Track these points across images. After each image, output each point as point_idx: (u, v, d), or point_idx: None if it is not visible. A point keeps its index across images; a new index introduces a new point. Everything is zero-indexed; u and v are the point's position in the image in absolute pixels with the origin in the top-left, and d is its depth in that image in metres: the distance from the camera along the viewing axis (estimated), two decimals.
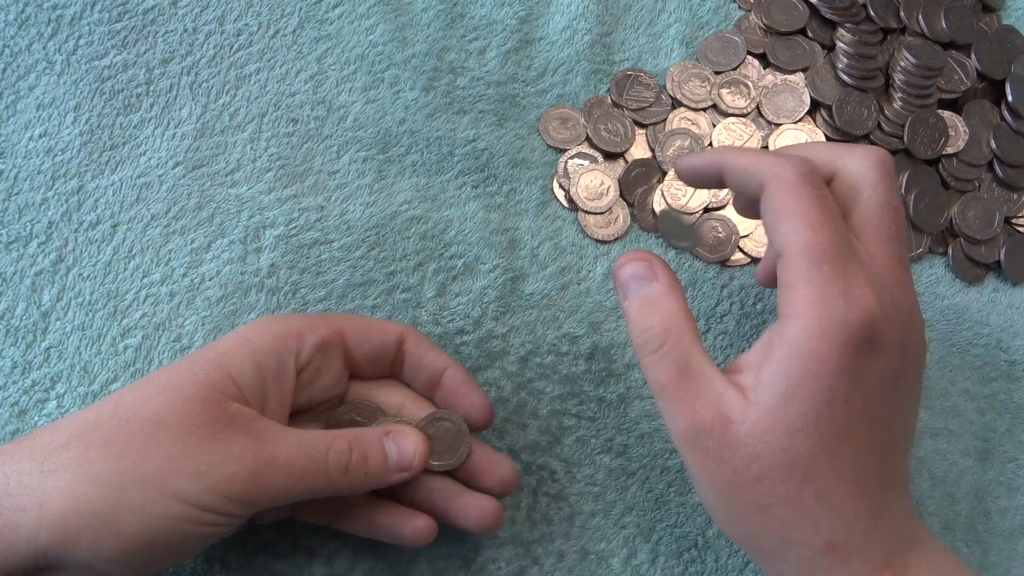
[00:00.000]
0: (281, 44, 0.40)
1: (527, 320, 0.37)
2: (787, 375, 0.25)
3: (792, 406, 0.25)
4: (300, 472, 0.27)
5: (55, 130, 0.37)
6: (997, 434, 0.38)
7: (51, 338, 0.34)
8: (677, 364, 0.27)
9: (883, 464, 0.26)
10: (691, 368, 0.27)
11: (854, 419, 0.25)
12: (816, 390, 0.25)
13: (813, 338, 0.24)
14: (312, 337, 0.30)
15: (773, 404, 0.25)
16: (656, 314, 0.28)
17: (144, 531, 0.25)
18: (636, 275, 0.29)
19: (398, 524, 0.30)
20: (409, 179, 0.39)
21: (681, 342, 0.27)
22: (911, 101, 0.42)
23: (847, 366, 0.24)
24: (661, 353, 0.27)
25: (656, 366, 0.27)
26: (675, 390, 0.27)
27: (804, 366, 0.25)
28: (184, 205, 0.37)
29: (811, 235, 0.25)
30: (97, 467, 0.25)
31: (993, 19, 0.45)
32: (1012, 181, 0.42)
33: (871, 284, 0.25)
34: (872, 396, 0.25)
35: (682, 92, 0.41)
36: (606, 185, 0.39)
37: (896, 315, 0.26)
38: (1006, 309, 0.40)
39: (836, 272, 0.25)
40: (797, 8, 0.43)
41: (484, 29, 0.41)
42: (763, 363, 0.26)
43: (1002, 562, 0.36)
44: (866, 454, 0.26)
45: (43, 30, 0.38)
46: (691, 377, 0.26)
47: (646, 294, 0.28)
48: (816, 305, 0.25)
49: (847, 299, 0.25)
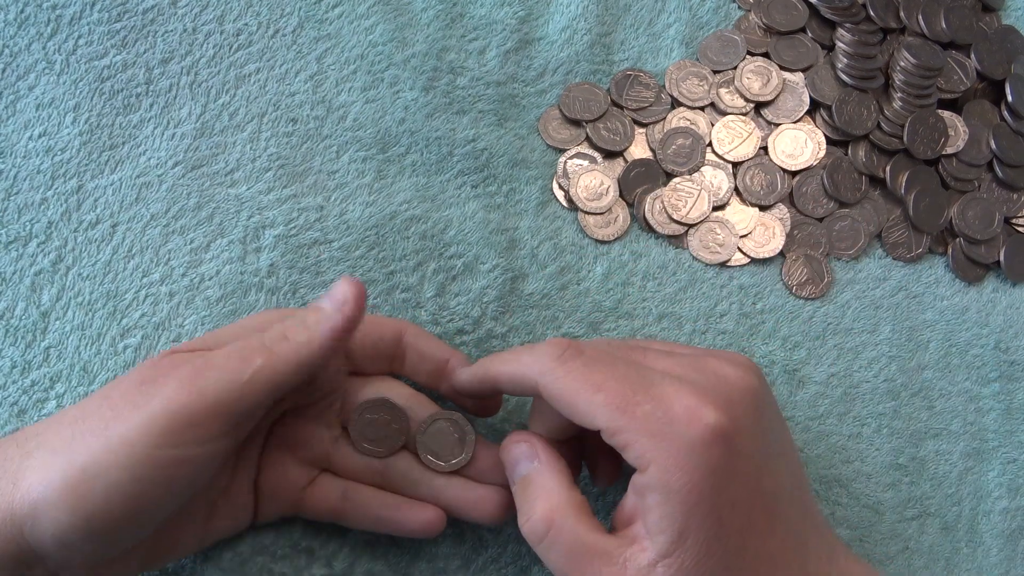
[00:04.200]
0: (281, 44, 0.40)
1: (527, 320, 0.37)
2: (671, 517, 0.25)
3: (690, 540, 0.25)
4: (239, 359, 0.26)
5: (55, 130, 0.37)
6: (997, 434, 0.38)
7: (51, 338, 0.34)
8: (568, 549, 0.26)
9: (789, 523, 0.27)
10: (584, 549, 0.26)
11: (749, 512, 0.25)
12: (703, 516, 0.25)
13: (674, 477, 0.25)
14: None
15: (673, 547, 0.25)
16: (537, 499, 0.27)
17: (100, 489, 0.25)
18: (516, 457, 0.29)
19: (406, 517, 0.30)
20: (409, 179, 0.39)
21: (566, 524, 0.27)
22: (911, 101, 0.42)
23: (717, 478, 0.25)
24: (548, 542, 0.27)
25: (548, 555, 0.27)
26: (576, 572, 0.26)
27: (682, 502, 0.25)
28: (184, 205, 0.37)
29: (604, 397, 0.26)
30: (62, 439, 0.25)
31: (993, 19, 0.45)
32: (1012, 181, 0.42)
33: (687, 390, 0.25)
34: (753, 478, 0.26)
35: (680, 91, 0.41)
36: (606, 185, 0.39)
37: (728, 399, 0.26)
38: (1006, 309, 0.40)
39: (651, 407, 0.25)
40: (797, 8, 0.43)
41: (484, 29, 0.41)
42: (644, 511, 0.26)
43: (1002, 563, 0.36)
44: (774, 528, 0.26)
45: (43, 30, 0.38)
46: (586, 557, 0.26)
47: (525, 476, 0.28)
48: (657, 449, 0.25)
49: (679, 424, 0.25)
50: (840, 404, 0.38)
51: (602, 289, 0.38)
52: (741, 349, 0.38)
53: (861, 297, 0.39)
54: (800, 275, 0.39)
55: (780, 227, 0.40)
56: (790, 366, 0.38)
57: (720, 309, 0.38)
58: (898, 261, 0.40)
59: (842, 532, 0.36)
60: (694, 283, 0.39)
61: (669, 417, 0.25)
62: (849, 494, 0.36)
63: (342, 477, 0.31)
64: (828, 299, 0.39)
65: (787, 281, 0.39)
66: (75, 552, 0.25)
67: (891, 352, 0.39)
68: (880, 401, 0.38)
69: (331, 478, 0.31)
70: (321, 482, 0.31)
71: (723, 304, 0.38)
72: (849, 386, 0.38)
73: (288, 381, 0.27)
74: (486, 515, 0.30)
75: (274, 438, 0.31)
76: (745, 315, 0.38)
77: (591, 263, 0.38)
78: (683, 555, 0.25)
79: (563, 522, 0.27)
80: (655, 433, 0.25)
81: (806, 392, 0.38)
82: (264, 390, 0.27)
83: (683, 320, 0.38)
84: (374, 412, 0.31)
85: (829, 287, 0.39)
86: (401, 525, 0.30)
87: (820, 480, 0.36)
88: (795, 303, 0.39)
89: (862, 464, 0.37)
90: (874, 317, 0.39)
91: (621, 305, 0.38)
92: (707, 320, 0.38)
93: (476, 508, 0.30)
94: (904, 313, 0.39)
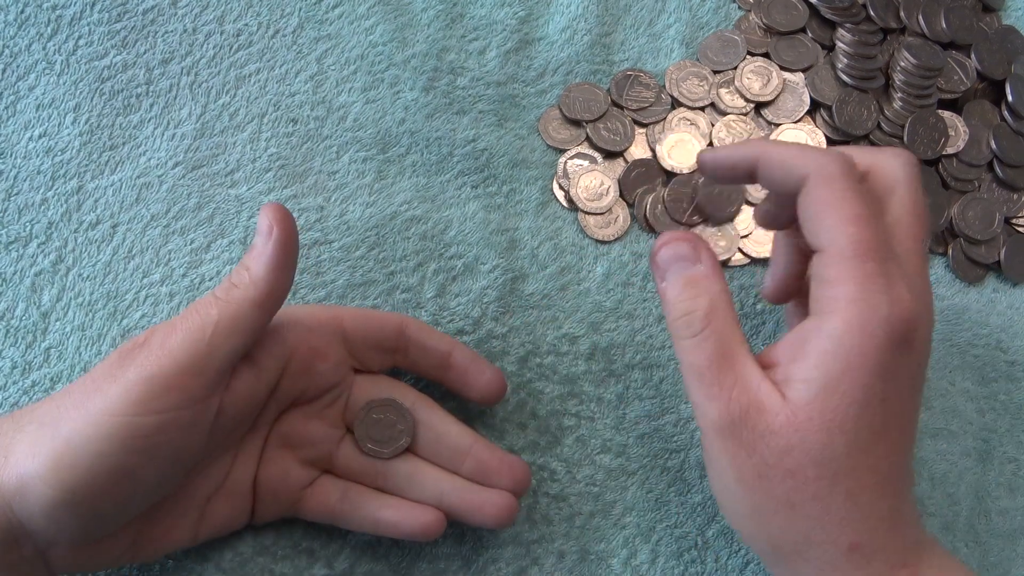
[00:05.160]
0: (281, 44, 0.40)
1: (527, 320, 0.37)
2: (826, 370, 0.25)
3: (831, 402, 0.24)
4: (197, 316, 0.27)
5: (55, 130, 0.37)
6: (997, 434, 0.38)
7: (51, 338, 0.34)
8: (718, 349, 0.26)
9: (904, 464, 0.26)
10: (731, 355, 0.26)
11: (888, 418, 0.25)
12: (856, 387, 0.24)
13: (855, 334, 0.24)
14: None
15: (811, 398, 0.25)
16: (699, 296, 0.27)
17: (84, 460, 0.25)
18: (679, 255, 0.28)
19: (406, 519, 0.30)
20: (409, 179, 0.39)
21: (724, 327, 0.26)
22: (911, 101, 0.42)
23: (886, 364, 0.24)
24: (703, 336, 0.26)
25: (695, 349, 0.26)
26: (712, 376, 0.26)
27: (845, 361, 0.24)
28: (184, 205, 0.37)
29: (857, 231, 0.25)
30: (49, 414, 0.26)
31: (993, 19, 0.45)
32: (1012, 181, 0.42)
33: (907, 284, 0.25)
34: (904, 395, 0.25)
35: (680, 91, 0.41)
36: (606, 185, 0.39)
37: (927, 315, 0.26)
38: (1006, 309, 0.40)
39: (879, 270, 0.25)
40: (797, 8, 0.43)
41: (484, 29, 0.41)
42: (797, 358, 0.25)
43: (1002, 563, 0.36)
44: (895, 453, 0.26)
45: (43, 30, 0.38)
46: (730, 364, 0.26)
47: (690, 275, 0.27)
48: (859, 302, 0.24)
49: (889, 297, 0.24)
50: None
51: (602, 289, 0.38)
52: None
53: None
54: None
55: None
56: None
57: None
58: None
59: None
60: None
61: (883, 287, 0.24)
62: None
63: (342, 478, 0.31)
64: None
65: None
66: (63, 528, 0.25)
67: None
68: None
69: (331, 479, 0.31)
70: (321, 483, 0.31)
71: None
72: None
73: (251, 325, 0.27)
74: (490, 519, 0.30)
75: (277, 437, 0.31)
76: (745, 315, 0.38)
77: (591, 263, 0.38)
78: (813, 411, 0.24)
79: (723, 324, 0.26)
80: (863, 292, 0.24)
81: None
82: (230, 339, 0.27)
83: None
84: (380, 412, 0.31)
85: None
86: (400, 528, 0.30)
87: None
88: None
89: None
90: None
91: (621, 305, 0.38)
92: None
93: (479, 512, 0.30)
94: None
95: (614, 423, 0.36)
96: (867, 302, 0.24)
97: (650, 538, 0.34)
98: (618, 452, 0.35)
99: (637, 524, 0.34)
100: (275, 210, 0.28)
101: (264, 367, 0.29)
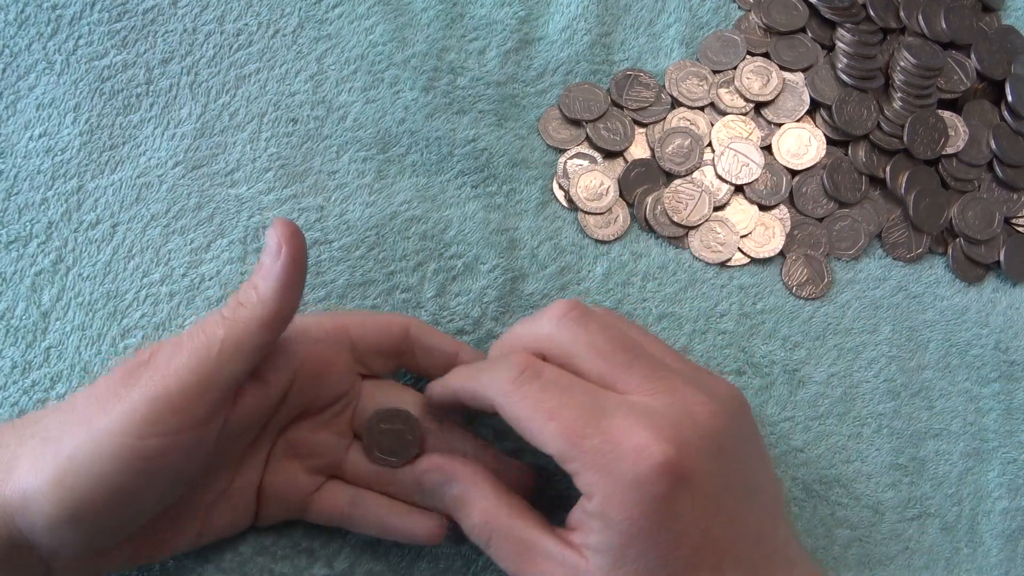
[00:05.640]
0: (281, 44, 0.40)
1: None
2: (610, 544, 0.25)
3: (626, 568, 0.25)
4: (203, 335, 0.26)
5: (55, 130, 0.37)
6: (997, 435, 0.38)
7: (51, 338, 0.34)
8: (513, 548, 0.27)
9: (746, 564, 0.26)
10: (528, 546, 0.27)
11: (698, 549, 0.25)
12: (642, 549, 0.25)
13: (616, 510, 0.25)
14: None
15: (610, 568, 0.25)
16: (472, 509, 0.28)
17: (86, 480, 0.25)
18: (438, 484, 0.29)
19: (413, 524, 0.30)
20: (409, 179, 0.39)
21: (504, 525, 0.28)
22: (911, 101, 0.42)
23: (661, 514, 0.25)
24: (494, 544, 0.28)
25: (496, 556, 0.28)
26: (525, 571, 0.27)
27: (622, 534, 0.25)
28: (184, 205, 0.37)
29: (556, 426, 0.26)
30: (54, 430, 0.26)
31: (993, 19, 0.45)
32: (1012, 181, 0.42)
33: (641, 424, 0.25)
34: (706, 516, 0.26)
35: (680, 91, 0.41)
36: (606, 185, 0.39)
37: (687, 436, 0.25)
38: (1006, 309, 0.40)
39: (597, 441, 0.25)
40: (797, 8, 0.43)
41: (484, 29, 0.41)
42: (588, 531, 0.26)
43: (1002, 563, 0.36)
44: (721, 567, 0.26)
45: (43, 30, 0.38)
46: (531, 555, 0.27)
47: (452, 497, 0.29)
48: (602, 482, 0.25)
49: (624, 460, 0.25)
50: (840, 404, 0.38)
51: (602, 289, 0.38)
52: (741, 349, 0.38)
53: (861, 297, 0.39)
54: (800, 275, 0.39)
55: (780, 227, 0.40)
56: (790, 366, 0.38)
57: (720, 309, 0.38)
58: (898, 261, 0.40)
59: (842, 532, 0.36)
60: (694, 283, 0.39)
61: (617, 453, 0.25)
62: (849, 494, 0.36)
63: (350, 483, 0.31)
64: (828, 299, 0.39)
65: (787, 281, 0.39)
66: (65, 541, 0.25)
67: (891, 352, 0.39)
68: (880, 401, 0.38)
69: (339, 484, 0.31)
70: (329, 488, 0.31)
71: (723, 304, 0.38)
72: (849, 386, 0.38)
73: (258, 345, 0.27)
74: None
75: (283, 445, 0.31)
76: (745, 315, 0.38)
77: (591, 263, 0.38)
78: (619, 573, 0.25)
79: (501, 523, 0.28)
80: (601, 467, 0.25)
81: (806, 392, 0.38)
82: (236, 360, 0.26)
83: (683, 320, 0.38)
84: (389, 422, 0.31)
85: (829, 287, 0.39)
86: (407, 533, 0.30)
87: (820, 480, 0.36)
88: (795, 303, 0.39)
89: (862, 464, 0.37)
90: (874, 317, 0.39)
91: (621, 305, 0.38)
92: (707, 320, 0.38)
93: None
94: (904, 313, 0.39)
95: None
96: (609, 478, 0.25)
97: None
98: None
99: None
100: (285, 227, 0.27)
101: (271, 382, 0.29)
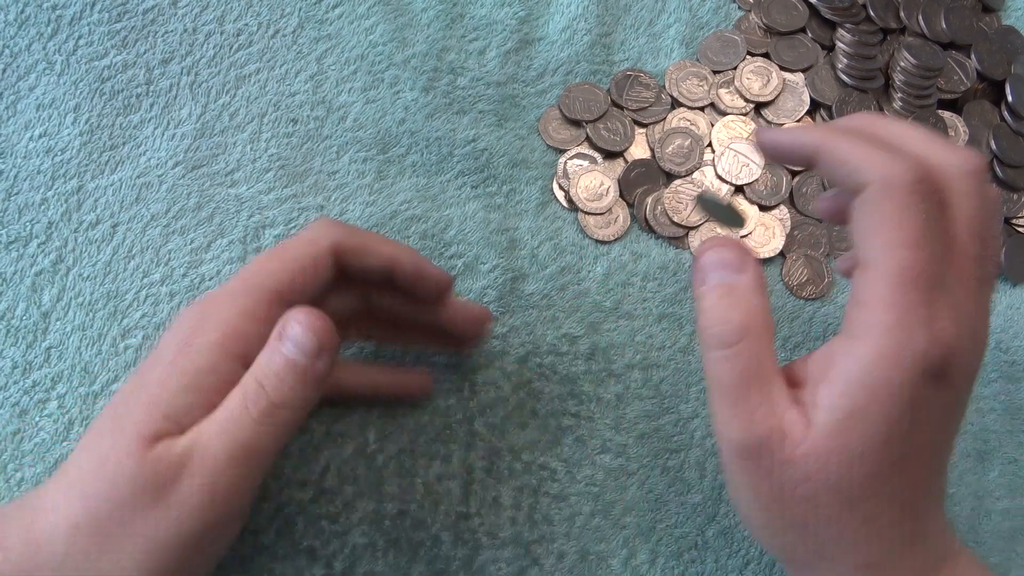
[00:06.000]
0: (281, 44, 0.40)
1: (526, 320, 0.37)
2: (852, 399, 0.23)
3: (854, 432, 0.24)
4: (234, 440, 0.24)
5: (55, 130, 0.37)
6: (997, 435, 0.38)
7: (51, 338, 0.34)
8: (748, 366, 0.25)
9: (930, 488, 0.26)
10: (761, 374, 0.25)
11: (912, 450, 0.24)
12: (881, 420, 0.23)
13: (886, 366, 0.23)
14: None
15: (834, 427, 0.24)
16: (737, 308, 0.25)
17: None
18: (723, 262, 0.26)
19: (402, 380, 0.34)
20: (409, 179, 0.39)
21: (758, 344, 0.25)
22: (911, 101, 0.42)
23: (916, 398, 0.23)
24: (735, 351, 0.25)
25: (724, 363, 0.25)
26: (738, 394, 0.25)
27: (873, 392, 0.23)
28: (184, 205, 0.37)
29: (907, 256, 0.23)
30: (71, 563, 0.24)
31: (993, 19, 0.45)
32: (1012, 181, 0.42)
33: (954, 314, 0.23)
34: (934, 427, 0.25)
35: (680, 91, 0.41)
36: (606, 186, 0.39)
37: (971, 348, 0.24)
38: (1006, 309, 0.40)
39: (922, 300, 0.23)
40: (797, 8, 0.43)
41: (484, 29, 0.41)
42: (824, 379, 0.24)
43: (1002, 563, 0.36)
44: (917, 482, 0.25)
45: (43, 30, 0.38)
46: (758, 384, 0.25)
47: (730, 283, 0.26)
48: (895, 331, 0.23)
49: (929, 330, 0.23)
50: None
51: (602, 289, 0.38)
52: None
53: None
54: (800, 275, 0.39)
55: (780, 227, 0.40)
56: None
57: None
58: None
59: None
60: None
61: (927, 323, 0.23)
62: None
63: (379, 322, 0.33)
64: (828, 299, 0.39)
65: (787, 281, 0.39)
66: None
67: None
68: None
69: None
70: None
71: None
72: None
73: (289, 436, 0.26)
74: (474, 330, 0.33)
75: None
76: None
77: (591, 263, 0.38)
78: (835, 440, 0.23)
79: (757, 341, 0.25)
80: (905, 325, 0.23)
81: None
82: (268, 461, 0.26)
83: (683, 321, 0.38)
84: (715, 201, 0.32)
85: (829, 287, 0.39)
86: (399, 387, 0.34)
87: None
88: (795, 303, 0.39)
89: None
90: None
91: (621, 305, 0.38)
92: None
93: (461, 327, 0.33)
94: None
95: (614, 423, 0.36)
96: (904, 333, 0.23)
97: (650, 538, 0.34)
98: (618, 452, 0.35)
99: (637, 524, 0.34)
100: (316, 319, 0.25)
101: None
